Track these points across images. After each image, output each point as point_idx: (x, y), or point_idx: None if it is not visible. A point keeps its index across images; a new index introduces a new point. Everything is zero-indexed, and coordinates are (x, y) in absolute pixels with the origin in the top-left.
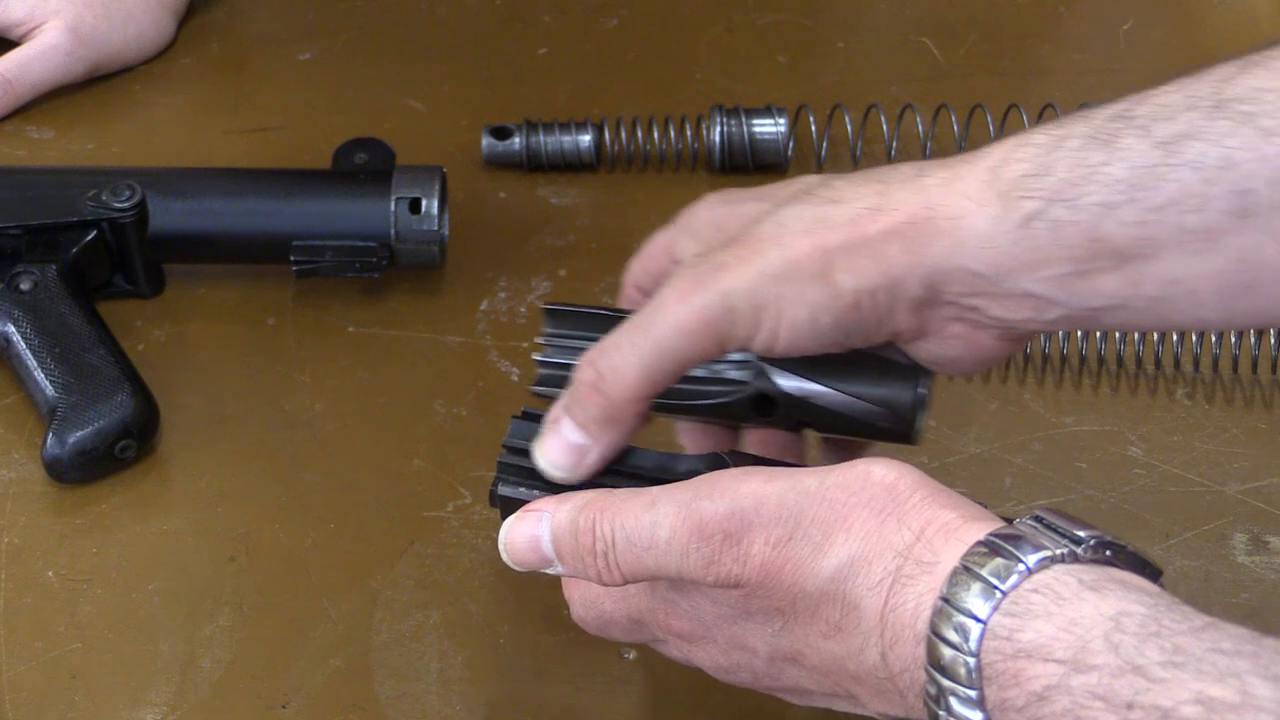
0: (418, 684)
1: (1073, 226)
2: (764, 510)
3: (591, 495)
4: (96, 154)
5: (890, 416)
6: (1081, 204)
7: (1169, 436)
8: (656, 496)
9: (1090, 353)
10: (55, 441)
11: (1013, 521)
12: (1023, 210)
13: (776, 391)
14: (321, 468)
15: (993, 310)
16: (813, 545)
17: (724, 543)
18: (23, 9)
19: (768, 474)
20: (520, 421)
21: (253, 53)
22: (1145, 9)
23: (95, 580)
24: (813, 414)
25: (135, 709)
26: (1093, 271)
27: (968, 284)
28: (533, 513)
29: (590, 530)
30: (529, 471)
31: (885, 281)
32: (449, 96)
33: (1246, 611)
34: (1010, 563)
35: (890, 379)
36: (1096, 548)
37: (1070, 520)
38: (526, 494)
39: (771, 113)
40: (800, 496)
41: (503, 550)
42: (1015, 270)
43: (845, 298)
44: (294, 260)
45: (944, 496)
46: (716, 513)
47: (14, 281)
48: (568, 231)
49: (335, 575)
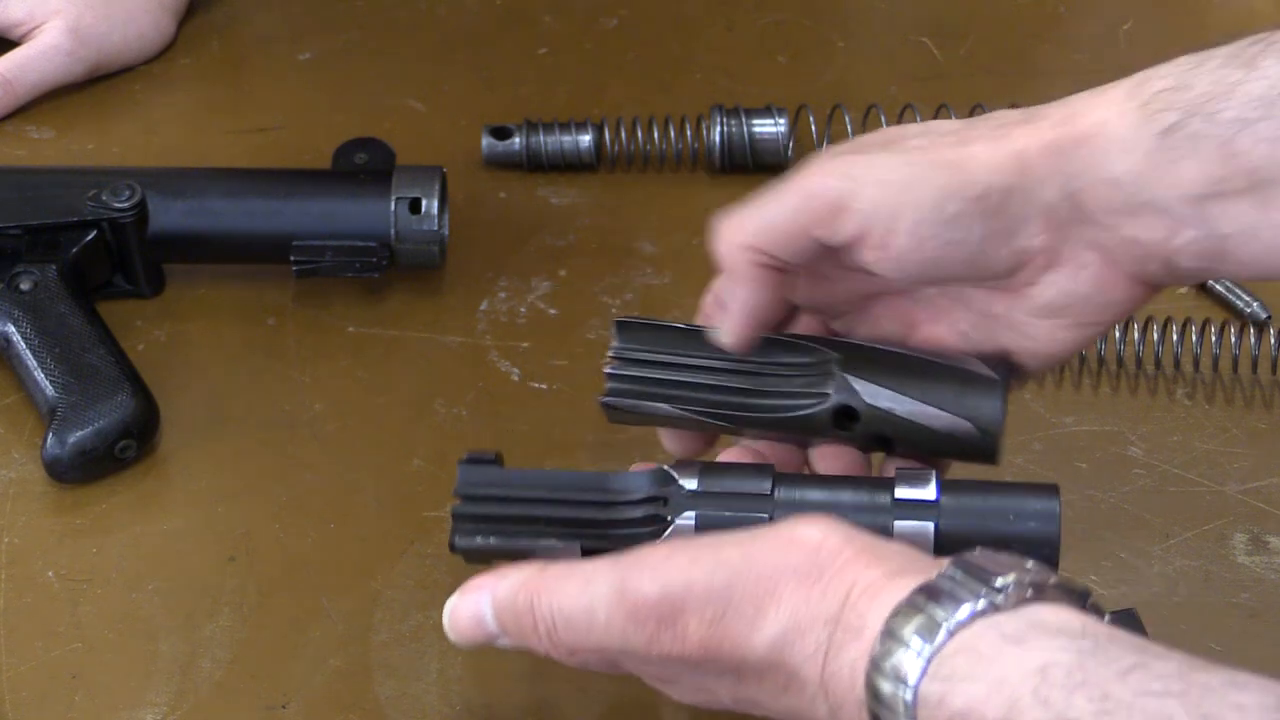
0: (418, 684)
1: (1209, 140)
2: (694, 591)
3: (527, 574)
4: (96, 154)
5: (974, 430)
6: (1219, 118)
7: (1169, 436)
8: (590, 576)
9: (1090, 353)
10: (55, 441)
11: (935, 574)
12: (1163, 122)
13: (860, 403)
14: (321, 468)
15: (1126, 229)
16: (746, 620)
17: (659, 625)
18: (23, 9)
19: (692, 550)
20: (468, 466)
21: (253, 53)
22: (1145, 9)
23: (95, 580)
24: (894, 428)
25: (135, 709)
26: (1226, 193)
27: (1105, 197)
28: (473, 591)
29: (530, 611)
30: (484, 518)
31: (1021, 181)
32: (449, 96)
33: (1247, 612)
34: (932, 623)
35: (975, 390)
36: (1016, 591)
37: (990, 565)
38: (483, 542)
39: (771, 113)
40: (727, 573)
41: (448, 629)
42: (1153, 181)
43: (976, 187)
44: (294, 260)
45: (869, 554)
46: (649, 597)
47: (14, 281)
48: (568, 231)
49: (335, 575)
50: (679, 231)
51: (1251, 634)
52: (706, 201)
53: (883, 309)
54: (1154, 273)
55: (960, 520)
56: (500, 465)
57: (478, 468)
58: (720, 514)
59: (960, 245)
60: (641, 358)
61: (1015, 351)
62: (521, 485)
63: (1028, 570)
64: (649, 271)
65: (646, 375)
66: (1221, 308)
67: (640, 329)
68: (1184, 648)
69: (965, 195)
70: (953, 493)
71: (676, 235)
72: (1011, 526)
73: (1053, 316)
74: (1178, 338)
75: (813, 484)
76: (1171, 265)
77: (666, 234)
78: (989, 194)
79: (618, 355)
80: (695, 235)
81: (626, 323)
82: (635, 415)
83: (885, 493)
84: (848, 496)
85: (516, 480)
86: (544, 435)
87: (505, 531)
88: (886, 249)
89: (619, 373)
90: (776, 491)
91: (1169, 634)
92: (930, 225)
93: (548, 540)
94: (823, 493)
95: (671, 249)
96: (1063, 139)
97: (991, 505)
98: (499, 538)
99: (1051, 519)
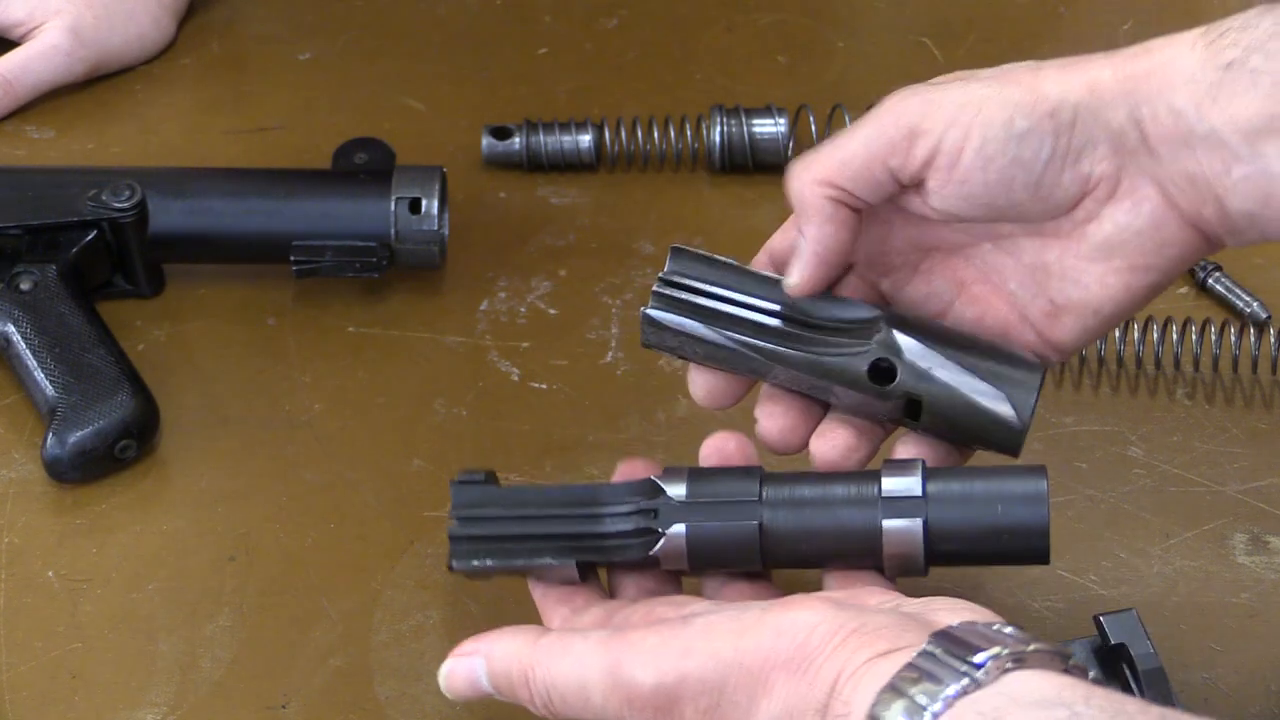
0: (418, 684)
1: (1266, 77)
2: (688, 684)
3: (520, 644)
4: (96, 154)
5: (1008, 408)
6: (1278, 55)
7: (1169, 436)
8: (582, 656)
9: (1090, 353)
10: (55, 441)
11: (916, 654)
12: (1225, 57)
13: (901, 359)
14: (321, 468)
15: (1185, 162)
16: (740, 710)
17: (656, 713)
18: (23, 9)
19: (685, 639)
20: (461, 488)
21: (253, 53)
22: (1145, 9)
23: (95, 580)
24: (929, 392)
25: (135, 709)
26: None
27: (1168, 125)
28: (468, 656)
29: (525, 684)
30: (480, 539)
31: (1091, 100)
32: (449, 96)
33: (1247, 612)
34: (915, 707)
35: (1016, 370)
36: (995, 664)
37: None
38: (480, 564)
39: (771, 113)
40: (719, 666)
41: (444, 688)
42: (1211, 114)
43: (1047, 103)
44: (294, 260)
45: (857, 636)
46: (644, 688)
47: (14, 281)
48: (568, 231)
49: (335, 575)
50: (679, 231)
51: (1251, 634)
52: (706, 201)
53: (933, 265)
54: (1208, 217)
55: (948, 512)
56: (493, 483)
57: (471, 488)
58: (710, 523)
59: (1027, 166)
60: (691, 285)
61: (1062, 305)
62: (515, 504)
63: (1008, 639)
64: (649, 271)
65: (692, 301)
66: (1221, 308)
67: (695, 259)
68: (1184, 648)
69: (1036, 111)
70: (939, 482)
71: (676, 235)
72: (1000, 514)
73: (1106, 258)
74: (1178, 338)
75: (801, 483)
76: (1223, 207)
77: (666, 234)
78: (1059, 110)
79: (667, 278)
80: (695, 235)
81: (682, 250)
82: (672, 336)
83: (873, 487)
84: (833, 492)
85: (510, 499)
86: (544, 435)
87: (502, 552)
88: (954, 170)
89: (666, 292)
90: (765, 493)
91: (1169, 634)
92: (998, 142)
93: (543, 559)
94: (811, 491)
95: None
96: (1134, 68)
97: (978, 492)
98: (496, 559)
99: (1039, 502)
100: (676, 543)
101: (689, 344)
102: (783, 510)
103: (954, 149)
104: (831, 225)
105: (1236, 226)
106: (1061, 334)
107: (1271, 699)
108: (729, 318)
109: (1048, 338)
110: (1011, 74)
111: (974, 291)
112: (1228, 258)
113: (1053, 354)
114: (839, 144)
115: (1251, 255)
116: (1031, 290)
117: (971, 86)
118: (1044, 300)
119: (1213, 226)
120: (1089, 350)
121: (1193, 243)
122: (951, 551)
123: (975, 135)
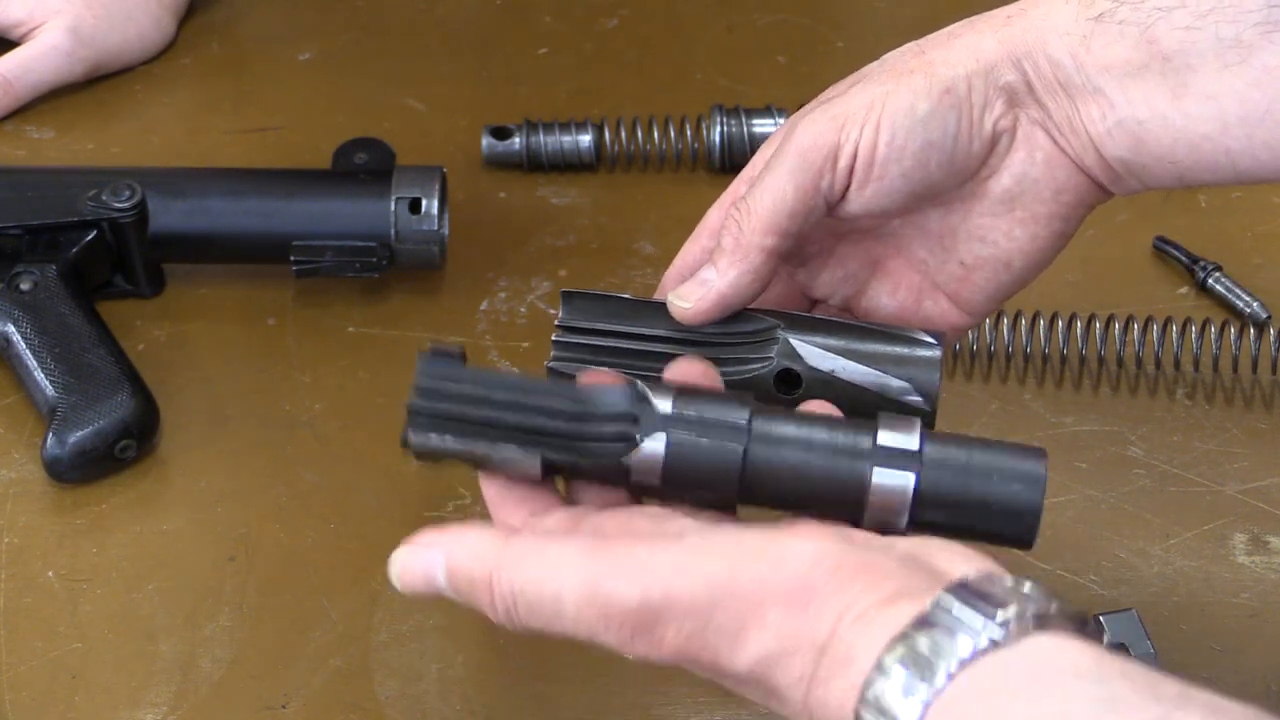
0: (418, 684)
1: (1134, 27)
2: (674, 604)
3: (485, 543)
4: (96, 154)
5: (914, 394)
6: (1143, 7)
7: (1169, 436)
8: (558, 562)
9: (1090, 353)
10: (55, 441)
11: (931, 604)
12: (1097, 8)
13: (802, 366)
14: (321, 468)
15: (1066, 109)
16: (727, 637)
17: (634, 631)
18: (23, 9)
19: (675, 554)
20: (430, 360)
21: (253, 53)
22: None
23: (95, 580)
24: (836, 391)
25: (135, 709)
26: (1145, 77)
27: (1049, 75)
28: (425, 548)
29: (488, 588)
30: (443, 416)
31: (980, 67)
32: (449, 96)
33: (1247, 612)
34: (929, 662)
35: (916, 355)
36: (1019, 624)
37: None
38: (438, 440)
39: (771, 113)
40: (710, 588)
41: (394, 579)
42: (1086, 63)
43: (941, 82)
44: (294, 260)
45: (864, 575)
46: (625, 603)
47: (14, 281)
48: (568, 231)
49: (335, 575)
50: (679, 231)
51: (1251, 634)
52: (706, 201)
53: (846, 249)
54: (1090, 165)
55: (942, 474)
56: (464, 362)
57: (441, 363)
58: (692, 439)
59: (938, 146)
60: (588, 327)
61: (972, 264)
62: (487, 385)
63: (1029, 598)
64: (649, 271)
65: (592, 343)
66: (1221, 308)
67: (587, 300)
68: (1184, 648)
69: (933, 92)
70: (937, 444)
71: (676, 235)
72: (994, 488)
73: (1009, 209)
74: (1178, 338)
75: (792, 420)
76: (1101, 155)
77: (666, 234)
78: (954, 85)
79: (564, 325)
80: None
81: (573, 294)
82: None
83: (867, 437)
84: (825, 435)
85: (482, 380)
86: None
87: (464, 432)
88: (870, 169)
89: (565, 339)
90: (754, 424)
91: (1169, 634)
92: (906, 130)
93: (507, 447)
94: (801, 429)
95: (671, 249)
96: (1012, 29)
97: (976, 462)
98: (456, 438)
99: (1035, 484)
100: (654, 453)
101: None
102: (769, 443)
103: (869, 150)
104: (752, 277)
105: (1116, 174)
106: (973, 294)
107: (1271, 699)
108: (630, 353)
109: (960, 300)
110: (900, 64)
111: (887, 266)
112: (1228, 258)
113: (966, 317)
114: (766, 188)
115: (1251, 255)
116: (941, 256)
117: (869, 88)
118: (954, 264)
119: (1097, 174)
120: (1089, 350)
121: (1085, 188)
122: (937, 517)
123: (885, 130)
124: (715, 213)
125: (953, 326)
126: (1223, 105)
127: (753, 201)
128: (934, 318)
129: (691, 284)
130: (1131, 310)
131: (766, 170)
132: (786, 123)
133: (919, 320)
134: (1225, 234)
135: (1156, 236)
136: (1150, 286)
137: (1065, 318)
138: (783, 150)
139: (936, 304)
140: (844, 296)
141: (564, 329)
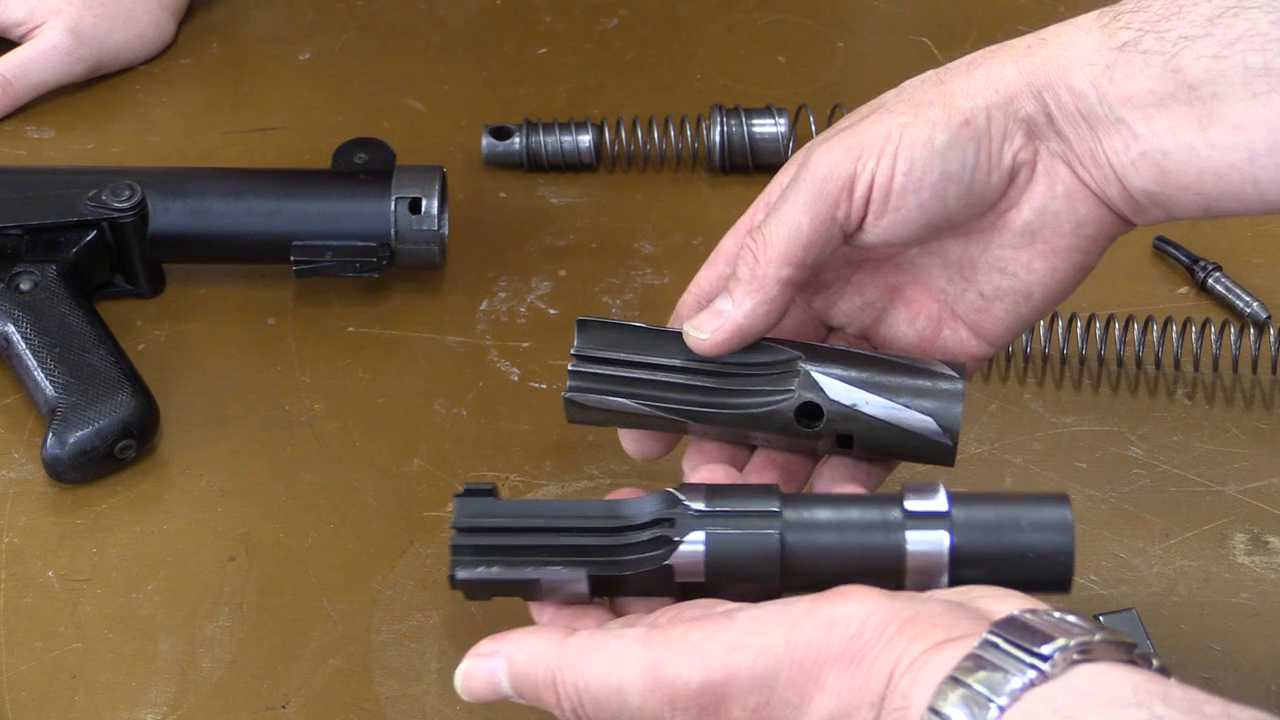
0: (418, 684)
1: (1158, 56)
2: (736, 681)
3: (546, 644)
4: (96, 154)
5: (936, 428)
6: (1168, 36)
7: (1169, 436)
8: (618, 655)
9: (1090, 353)
10: (55, 441)
11: (978, 644)
12: (1120, 38)
13: (824, 399)
14: (321, 468)
15: (1089, 141)
16: (791, 706)
17: (701, 712)
18: (23, 9)
19: (733, 634)
20: (466, 499)
21: (253, 53)
22: None
23: (95, 580)
24: (857, 425)
25: (135, 709)
26: (1171, 107)
27: (1070, 106)
28: (487, 656)
29: (552, 687)
30: (485, 549)
31: (999, 98)
32: (449, 96)
33: (1247, 612)
34: (980, 700)
35: (938, 389)
36: (1063, 656)
37: (1037, 627)
38: (486, 573)
39: (771, 113)
40: (770, 660)
41: (460, 690)
42: (1109, 93)
43: (960, 114)
44: (294, 260)
45: (911, 627)
46: (689, 686)
47: (14, 281)
48: (568, 231)
49: (335, 575)
50: (679, 231)
51: (1251, 634)
52: (706, 201)
53: (864, 277)
54: (1113, 197)
55: (973, 533)
56: (497, 495)
57: (476, 499)
58: (729, 532)
59: (956, 178)
60: (604, 356)
61: (991, 295)
62: (523, 513)
63: (1074, 629)
64: (649, 271)
65: (609, 373)
66: (1221, 308)
67: (604, 329)
68: (1184, 648)
69: (951, 124)
70: (962, 504)
71: (676, 235)
72: (1026, 539)
73: (1029, 242)
74: (1178, 338)
75: (820, 503)
76: (1125, 186)
77: (666, 234)
78: (973, 117)
79: (579, 354)
80: (695, 235)
81: (588, 322)
82: (597, 413)
83: (895, 508)
84: (856, 514)
85: (518, 509)
86: (544, 435)
87: (509, 560)
88: (888, 200)
89: (581, 370)
90: (785, 512)
91: (1169, 634)
92: (924, 161)
93: (553, 568)
94: (831, 512)
95: (671, 249)
96: (1033, 59)
97: (1004, 517)
98: (502, 567)
99: (1065, 530)
100: (694, 551)
101: (614, 417)
102: (803, 529)
103: (885, 180)
104: (769, 308)
105: (1139, 205)
106: (993, 325)
107: (1271, 699)
108: (648, 383)
109: (980, 330)
110: (918, 94)
111: (906, 295)
112: (1228, 258)
113: (986, 347)
114: (782, 219)
115: (1251, 255)
116: (960, 286)
117: (886, 118)
118: (974, 294)
119: (1119, 206)
120: (1089, 350)
121: (1107, 221)
122: (975, 574)
123: (902, 161)
124: (730, 239)
125: (972, 356)
126: (1251, 135)
127: (768, 232)
128: (953, 347)
129: (707, 314)
130: (1131, 310)
131: (782, 200)
132: (802, 150)
133: (938, 350)
134: (1225, 234)
135: (1156, 236)
136: (1150, 286)
137: (1065, 318)
138: (798, 180)
139: (956, 333)
140: (862, 325)
141: (580, 358)
